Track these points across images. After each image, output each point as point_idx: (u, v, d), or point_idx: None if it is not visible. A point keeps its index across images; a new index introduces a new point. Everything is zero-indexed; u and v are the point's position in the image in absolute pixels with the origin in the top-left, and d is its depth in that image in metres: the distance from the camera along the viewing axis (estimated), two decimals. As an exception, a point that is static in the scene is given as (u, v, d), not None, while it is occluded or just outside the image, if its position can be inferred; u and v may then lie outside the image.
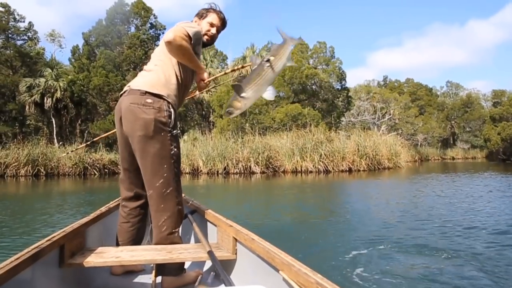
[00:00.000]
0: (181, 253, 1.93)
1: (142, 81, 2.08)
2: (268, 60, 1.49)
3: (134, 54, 24.84)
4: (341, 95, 26.08)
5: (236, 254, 1.98)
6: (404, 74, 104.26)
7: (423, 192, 9.39)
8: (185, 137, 22.99)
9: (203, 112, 28.01)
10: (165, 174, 2.03)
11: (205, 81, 2.18)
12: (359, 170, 17.72)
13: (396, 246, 3.84)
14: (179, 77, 2.12)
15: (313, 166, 17.23)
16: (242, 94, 1.51)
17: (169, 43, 1.94)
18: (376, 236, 4.28)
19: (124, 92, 2.12)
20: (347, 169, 17.64)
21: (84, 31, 26.52)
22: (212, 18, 2.29)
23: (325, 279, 1.16)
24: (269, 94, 1.52)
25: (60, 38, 29.13)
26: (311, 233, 4.68)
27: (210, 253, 1.88)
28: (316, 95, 24.80)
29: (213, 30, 2.30)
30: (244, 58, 26.18)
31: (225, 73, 2.68)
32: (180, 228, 2.16)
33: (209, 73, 2.27)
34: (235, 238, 1.97)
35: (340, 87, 26.00)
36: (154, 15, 26.55)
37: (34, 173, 18.50)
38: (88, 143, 5.38)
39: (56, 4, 65.03)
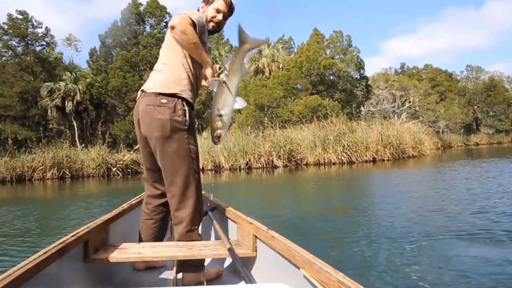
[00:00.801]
0: (201, 249, 1.95)
1: (153, 83, 2.11)
2: (224, 82, 1.68)
3: (150, 53, 24.92)
4: (360, 85, 25.59)
5: (256, 251, 1.98)
6: (420, 61, 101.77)
7: (469, 178, 8.92)
8: (205, 134, 22.99)
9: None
10: (185, 172, 2.07)
11: (207, 80, 2.11)
12: (383, 160, 17.36)
13: (444, 237, 3.62)
14: (188, 71, 2.12)
15: (336, 157, 16.96)
16: (218, 113, 1.69)
17: (173, 28, 1.92)
18: (415, 228, 4.06)
19: (140, 95, 2.17)
20: (371, 159, 17.30)
21: (100, 33, 26.79)
22: (218, 3, 2.24)
23: (347, 278, 1.14)
24: (239, 104, 1.71)
25: (76, 42, 29.51)
26: (343, 227, 4.49)
27: (230, 250, 1.89)
28: (335, 85, 24.41)
29: (219, 17, 2.25)
30: (260, 52, 25.96)
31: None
32: (200, 225, 2.19)
33: (218, 66, 2.23)
34: (255, 235, 1.97)
35: (358, 76, 25.51)
36: (169, 13, 26.57)
37: (59, 175, 18.84)
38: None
39: (71, 10, 66.89)
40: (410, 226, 4.18)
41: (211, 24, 2.25)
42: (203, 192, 2.71)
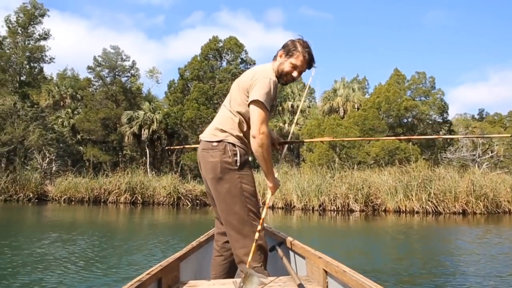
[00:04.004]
0: (270, 286, 1.93)
1: (207, 131, 2.31)
2: None
3: (225, 87, 25.50)
4: (442, 129, 23.89)
5: (327, 287, 1.93)
6: (493, 109, 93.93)
7: None
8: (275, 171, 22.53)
9: (291, 146, 27.55)
10: (239, 212, 2.14)
11: (271, 191, 2.27)
12: (475, 213, 15.50)
13: None
14: (237, 119, 2.21)
15: (420, 206, 15.46)
16: None
17: (253, 138, 2.10)
18: None
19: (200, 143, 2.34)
20: (461, 211, 15.54)
21: (180, 66, 28.12)
22: (297, 59, 2.21)
23: None
24: None
25: (158, 74, 31.37)
26: None
27: (300, 286, 1.85)
28: (414, 128, 22.99)
29: (295, 74, 2.24)
30: (335, 91, 25.49)
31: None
32: (268, 261, 2.17)
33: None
34: (325, 270, 1.92)
35: (441, 120, 23.86)
36: (245, 51, 27.31)
37: (132, 200, 19.26)
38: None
39: (151, 52, 76.17)
40: None
41: (285, 78, 2.25)
42: (270, 227, 2.66)
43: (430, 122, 23.25)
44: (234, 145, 2.18)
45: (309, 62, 2.24)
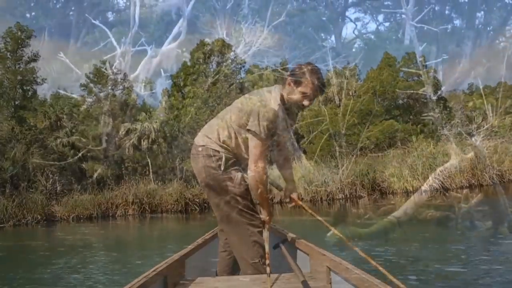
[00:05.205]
0: (275, 283, 1.96)
1: (197, 136, 2.39)
2: None
3: (219, 89, 25.58)
4: (438, 106, 24.12)
5: (331, 284, 1.94)
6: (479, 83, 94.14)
7: None
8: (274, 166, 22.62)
9: (291, 138, 27.67)
10: (229, 212, 2.21)
11: (266, 223, 2.29)
12: (481, 185, 15.73)
13: None
14: (226, 131, 2.23)
15: (427, 184, 15.64)
16: None
17: (249, 169, 2.15)
18: None
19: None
20: (467, 184, 15.75)
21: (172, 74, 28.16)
22: (306, 88, 2.14)
23: None
24: None
25: (151, 84, 31.62)
26: None
27: (304, 283, 1.86)
28: (410, 109, 23.20)
29: (306, 102, 2.18)
30: (327, 81, 25.58)
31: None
32: (271, 258, 2.19)
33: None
34: (328, 267, 1.95)
35: (436, 98, 24.12)
36: (234, 51, 27.37)
37: (140, 211, 19.29)
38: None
39: (143, 63, 77.08)
40: None
41: (296, 106, 2.23)
42: (274, 225, 2.71)
43: (425, 100, 23.47)
44: (217, 150, 2.21)
45: (319, 88, 2.16)
